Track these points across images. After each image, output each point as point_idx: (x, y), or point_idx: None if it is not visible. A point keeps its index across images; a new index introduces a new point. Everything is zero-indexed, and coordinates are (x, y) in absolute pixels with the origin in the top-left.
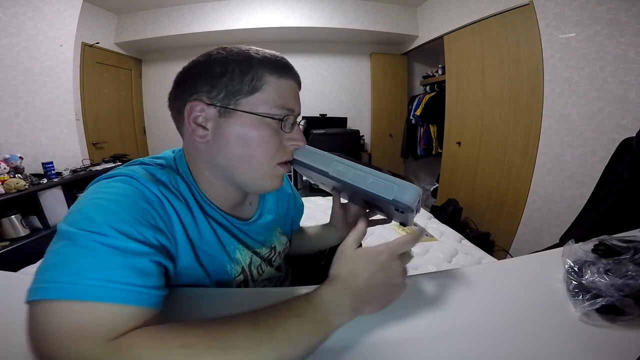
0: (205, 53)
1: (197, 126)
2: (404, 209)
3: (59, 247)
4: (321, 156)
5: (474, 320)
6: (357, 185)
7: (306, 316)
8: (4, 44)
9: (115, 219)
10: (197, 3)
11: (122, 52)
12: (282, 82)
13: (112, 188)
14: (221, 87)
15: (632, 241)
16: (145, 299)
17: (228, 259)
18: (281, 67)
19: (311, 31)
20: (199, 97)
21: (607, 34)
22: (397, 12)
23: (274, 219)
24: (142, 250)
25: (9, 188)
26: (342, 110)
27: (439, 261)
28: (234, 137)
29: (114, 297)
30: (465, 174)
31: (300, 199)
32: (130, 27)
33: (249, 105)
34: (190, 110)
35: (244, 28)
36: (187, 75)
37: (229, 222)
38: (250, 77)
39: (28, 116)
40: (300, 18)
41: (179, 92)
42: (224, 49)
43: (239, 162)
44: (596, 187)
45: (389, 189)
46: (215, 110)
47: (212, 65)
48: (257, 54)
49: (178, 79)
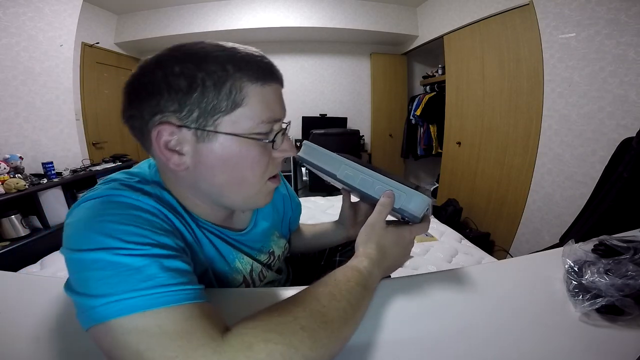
0: (155, 57)
1: (170, 152)
2: (410, 218)
3: (88, 274)
4: (329, 157)
5: (474, 320)
6: (364, 191)
7: (364, 286)
8: (4, 44)
9: (128, 233)
10: (197, 3)
11: (122, 52)
12: (266, 89)
13: (108, 209)
14: (192, 105)
15: (632, 241)
16: (199, 294)
17: (229, 269)
18: (263, 71)
19: (311, 31)
20: (166, 118)
21: (607, 34)
22: (397, 12)
23: (271, 225)
24: (167, 253)
25: (9, 188)
26: (342, 110)
27: (439, 261)
28: (219, 163)
29: (178, 299)
30: (465, 174)
31: (297, 198)
32: (130, 27)
33: (231, 124)
34: (158, 135)
35: (244, 28)
36: (140, 89)
37: (224, 234)
38: (228, 90)
39: (28, 116)
40: (300, 18)
41: (135, 111)
42: (180, 50)
43: (227, 187)
44: (596, 187)
45: (395, 197)
46: (190, 132)
47: (173, 76)
48: (230, 57)
49: (129, 93)
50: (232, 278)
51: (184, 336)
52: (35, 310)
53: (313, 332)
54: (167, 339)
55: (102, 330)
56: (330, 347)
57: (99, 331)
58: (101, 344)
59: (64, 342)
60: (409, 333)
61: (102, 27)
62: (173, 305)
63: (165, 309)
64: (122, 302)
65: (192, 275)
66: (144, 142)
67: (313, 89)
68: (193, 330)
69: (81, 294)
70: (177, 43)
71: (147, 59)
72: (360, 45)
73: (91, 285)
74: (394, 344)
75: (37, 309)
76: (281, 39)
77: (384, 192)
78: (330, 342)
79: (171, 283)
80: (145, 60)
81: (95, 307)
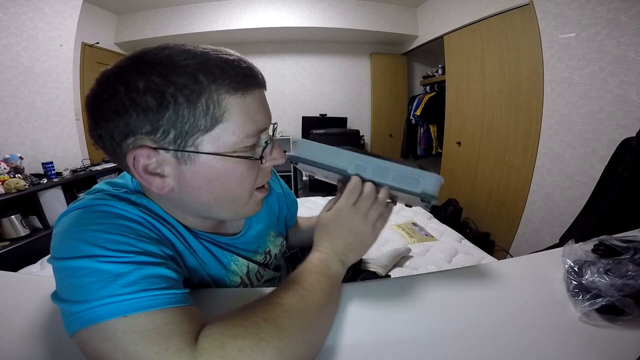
0: (114, 69)
1: (151, 176)
2: (431, 199)
3: (72, 281)
4: (334, 152)
5: (474, 320)
6: (380, 182)
7: (315, 273)
8: (4, 44)
9: (112, 242)
10: (197, 3)
11: (122, 52)
12: (248, 99)
13: (94, 218)
14: (166, 125)
15: (632, 241)
16: (181, 298)
17: (225, 272)
18: (242, 78)
19: (311, 31)
20: (140, 141)
21: (607, 34)
22: (397, 12)
23: (266, 226)
24: (152, 260)
25: (9, 188)
26: (342, 110)
27: (439, 261)
28: (205, 183)
29: (159, 303)
30: (465, 174)
31: (292, 195)
32: (130, 27)
33: (213, 142)
34: (134, 161)
35: (244, 28)
36: (103, 108)
37: (216, 240)
38: (204, 105)
39: (28, 116)
40: (300, 18)
41: (103, 131)
42: (141, 59)
43: (215, 204)
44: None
45: (415, 183)
46: (169, 153)
47: (137, 92)
48: (201, 65)
49: (92, 112)
50: (229, 280)
51: (161, 342)
52: (35, 310)
53: (275, 321)
54: (144, 345)
55: (83, 336)
56: (301, 335)
57: (80, 337)
58: (83, 350)
59: (64, 342)
60: (408, 333)
61: (102, 27)
62: (154, 309)
63: (145, 313)
64: (102, 307)
65: (176, 282)
66: (120, 164)
67: (313, 89)
68: (172, 335)
69: (65, 300)
70: (139, 49)
71: (106, 70)
72: (360, 45)
73: (74, 292)
74: (394, 344)
75: (37, 309)
76: (281, 39)
77: (353, 176)
78: (297, 331)
79: (153, 288)
80: (104, 73)
81: (77, 313)
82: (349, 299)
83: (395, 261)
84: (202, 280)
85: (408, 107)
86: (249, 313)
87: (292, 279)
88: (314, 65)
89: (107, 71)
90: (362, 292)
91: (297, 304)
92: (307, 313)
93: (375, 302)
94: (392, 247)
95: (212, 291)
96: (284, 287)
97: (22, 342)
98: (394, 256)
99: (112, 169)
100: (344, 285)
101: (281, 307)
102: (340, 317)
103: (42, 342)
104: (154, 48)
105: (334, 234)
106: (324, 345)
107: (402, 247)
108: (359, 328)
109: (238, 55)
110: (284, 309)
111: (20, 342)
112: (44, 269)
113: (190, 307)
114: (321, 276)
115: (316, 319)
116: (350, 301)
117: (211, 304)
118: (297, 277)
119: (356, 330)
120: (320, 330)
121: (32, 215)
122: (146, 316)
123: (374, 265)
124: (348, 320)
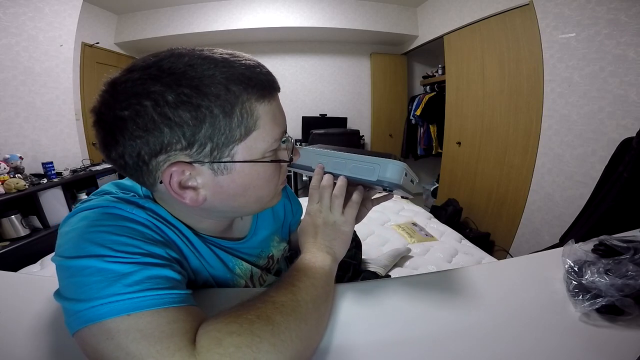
0: (128, 81)
1: (185, 190)
2: (391, 187)
3: (77, 280)
4: (303, 152)
5: (474, 321)
6: (338, 173)
7: (304, 269)
8: (4, 44)
9: (119, 243)
10: (197, 3)
11: (122, 52)
12: (273, 104)
13: (102, 220)
14: (203, 139)
15: (632, 241)
16: (184, 298)
17: (231, 275)
18: (267, 85)
19: (311, 31)
20: (173, 157)
21: (607, 34)
22: (397, 12)
23: (271, 232)
24: (157, 262)
25: (9, 188)
26: (342, 110)
27: (439, 261)
28: (241, 189)
29: (162, 302)
30: (465, 174)
31: (297, 200)
32: (130, 27)
33: (247, 150)
34: (169, 178)
35: (244, 28)
36: (128, 125)
37: (222, 245)
38: (239, 115)
39: (28, 116)
40: (300, 18)
41: (126, 149)
42: (160, 68)
43: (246, 204)
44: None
45: (370, 171)
46: (204, 166)
47: (169, 107)
48: (230, 75)
49: (111, 128)
50: (234, 284)
51: (163, 341)
52: (35, 310)
53: (268, 318)
54: (146, 344)
55: (85, 335)
56: (295, 331)
57: (82, 336)
58: (84, 349)
59: (64, 341)
60: (409, 333)
61: (102, 27)
62: (157, 308)
63: (149, 311)
64: (105, 306)
65: (180, 283)
66: (143, 181)
67: (313, 89)
68: (174, 334)
69: (69, 299)
70: (146, 57)
71: (115, 82)
72: (360, 45)
73: (78, 291)
74: (394, 344)
75: (37, 309)
76: (281, 39)
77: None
78: (290, 326)
79: (157, 287)
80: (114, 86)
81: (80, 312)
82: (349, 299)
83: (395, 261)
84: (205, 282)
85: (408, 107)
86: (242, 311)
87: (284, 278)
88: (314, 65)
89: (119, 83)
90: (362, 292)
91: (289, 300)
92: (299, 308)
93: (375, 302)
94: (392, 247)
95: (215, 291)
96: (275, 286)
97: (22, 342)
98: (394, 256)
99: (112, 169)
100: (344, 285)
101: (273, 304)
102: (340, 317)
103: (42, 342)
104: (165, 55)
105: (313, 234)
106: (324, 345)
107: (402, 247)
108: (359, 328)
109: (256, 61)
110: (276, 306)
111: (20, 342)
112: (44, 269)
113: (192, 307)
114: (311, 272)
115: (309, 313)
116: (351, 301)
117: (213, 304)
118: (287, 276)
119: (356, 330)
120: (316, 324)
121: (32, 215)
122: (150, 315)
123: (374, 265)
124: (348, 320)
